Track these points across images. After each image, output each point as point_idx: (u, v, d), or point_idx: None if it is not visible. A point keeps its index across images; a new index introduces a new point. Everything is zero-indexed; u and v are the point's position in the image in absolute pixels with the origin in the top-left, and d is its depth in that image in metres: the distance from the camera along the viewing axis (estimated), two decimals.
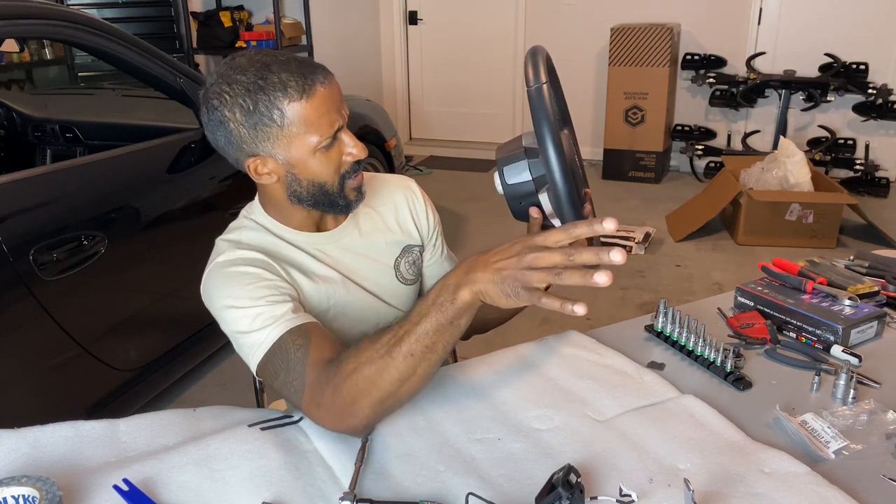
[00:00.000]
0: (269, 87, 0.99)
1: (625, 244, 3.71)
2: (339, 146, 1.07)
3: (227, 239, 1.14)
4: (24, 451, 0.94)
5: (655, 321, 1.28)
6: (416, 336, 0.87)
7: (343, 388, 0.91)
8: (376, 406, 0.92)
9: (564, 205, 0.94)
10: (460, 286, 0.85)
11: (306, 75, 1.01)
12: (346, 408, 0.92)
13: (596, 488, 0.88)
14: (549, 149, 0.92)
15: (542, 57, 0.95)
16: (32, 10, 1.88)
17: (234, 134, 1.03)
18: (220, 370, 2.62)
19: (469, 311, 0.86)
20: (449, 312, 0.86)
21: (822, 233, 3.66)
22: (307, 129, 1.02)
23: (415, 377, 0.90)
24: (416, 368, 0.89)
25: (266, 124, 1.01)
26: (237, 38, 4.64)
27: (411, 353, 0.88)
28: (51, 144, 2.77)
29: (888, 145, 4.68)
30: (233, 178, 2.38)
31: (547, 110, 0.91)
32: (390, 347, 0.89)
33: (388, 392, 0.90)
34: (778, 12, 4.70)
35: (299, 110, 1.00)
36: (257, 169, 1.06)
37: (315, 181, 1.07)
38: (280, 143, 1.03)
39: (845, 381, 1.08)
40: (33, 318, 1.79)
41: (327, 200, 1.09)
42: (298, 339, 0.98)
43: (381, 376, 0.89)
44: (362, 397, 0.91)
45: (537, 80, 0.91)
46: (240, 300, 1.02)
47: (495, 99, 5.56)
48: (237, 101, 1.00)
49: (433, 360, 0.89)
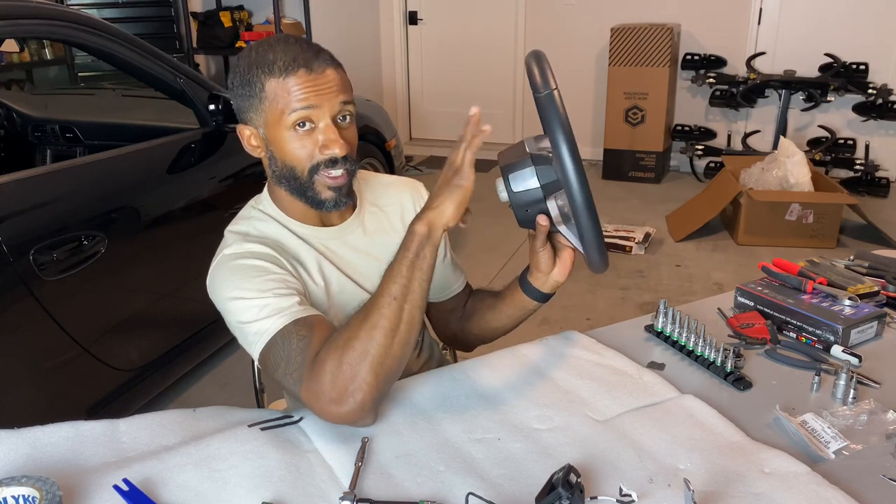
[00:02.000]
0: (261, 62, 1.05)
1: (625, 244, 3.72)
2: (316, 134, 1.06)
3: (235, 230, 1.14)
4: (24, 451, 0.94)
5: (655, 321, 1.28)
6: (392, 279, 0.96)
7: (343, 361, 0.93)
8: (376, 368, 0.93)
9: (581, 210, 0.93)
10: (414, 224, 0.98)
11: (297, 57, 1.04)
12: (347, 384, 0.92)
13: (596, 488, 0.88)
14: (565, 155, 0.90)
15: (546, 62, 0.94)
16: (32, 10, 1.88)
17: (233, 100, 1.12)
18: (220, 370, 2.62)
19: (428, 242, 0.96)
20: (413, 247, 0.96)
21: (822, 233, 3.66)
22: (280, 107, 1.05)
23: (403, 324, 0.95)
24: (401, 313, 0.95)
25: (249, 95, 1.07)
26: (237, 38, 4.64)
27: (394, 296, 0.95)
28: (51, 144, 2.77)
29: (888, 145, 4.69)
30: (233, 178, 2.38)
31: (560, 116, 0.90)
32: (374, 300, 0.96)
33: (383, 347, 0.93)
34: (778, 12, 4.70)
35: (276, 86, 1.04)
36: (249, 139, 1.12)
37: (287, 163, 1.09)
38: (260, 118, 1.08)
39: (845, 381, 1.08)
40: (33, 318, 1.79)
41: (298, 187, 1.10)
42: (302, 329, 0.99)
43: (373, 333, 0.94)
44: (361, 363, 0.92)
45: (546, 87, 0.91)
46: (247, 291, 1.03)
47: (495, 99, 5.56)
48: (237, 70, 1.08)
49: (414, 300, 0.96)
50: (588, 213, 0.93)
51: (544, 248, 1.10)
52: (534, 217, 1.04)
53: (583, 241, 0.98)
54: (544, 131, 0.94)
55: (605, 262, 1.00)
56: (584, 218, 0.94)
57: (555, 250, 1.12)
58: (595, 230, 0.96)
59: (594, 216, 0.94)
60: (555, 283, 1.14)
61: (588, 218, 0.94)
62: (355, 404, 0.93)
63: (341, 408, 0.94)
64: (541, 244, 1.09)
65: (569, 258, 1.12)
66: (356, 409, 0.94)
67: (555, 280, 1.14)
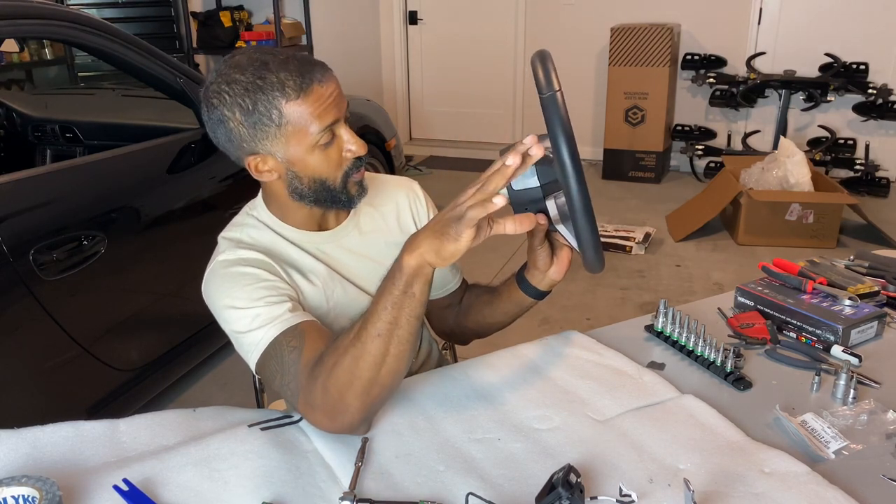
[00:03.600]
0: (267, 87, 1.00)
1: (625, 244, 3.71)
2: (339, 143, 1.07)
3: (229, 237, 1.14)
4: (24, 451, 0.94)
5: (655, 321, 1.28)
6: (377, 315, 0.90)
7: (329, 385, 0.92)
8: (362, 396, 0.92)
9: (579, 213, 0.93)
10: (404, 255, 0.89)
11: (303, 74, 1.01)
12: (336, 404, 0.93)
13: (596, 488, 0.88)
14: (565, 158, 0.90)
15: (551, 63, 0.94)
16: (32, 10, 1.88)
17: (234, 133, 1.04)
18: (220, 370, 2.62)
19: (419, 277, 0.89)
20: (400, 283, 0.89)
21: (822, 233, 3.66)
22: (303, 128, 1.02)
23: (390, 357, 0.91)
24: (387, 348, 0.90)
25: (265, 124, 1.02)
26: (237, 38, 4.65)
27: (378, 333, 0.90)
28: (51, 144, 2.77)
29: (888, 145, 4.68)
30: (233, 178, 2.38)
31: (563, 118, 0.90)
32: (358, 332, 0.91)
33: (368, 379, 0.91)
34: (778, 12, 4.70)
35: (296, 109, 1.01)
36: (258, 167, 1.07)
37: (316, 178, 1.07)
38: (279, 142, 1.03)
39: (845, 381, 1.08)
40: (33, 318, 1.79)
41: (329, 196, 1.09)
42: (293, 340, 0.99)
43: (358, 364, 0.90)
44: (346, 390, 0.92)
45: (550, 88, 0.90)
46: (239, 301, 1.03)
47: (495, 99, 5.56)
48: (236, 101, 1.01)
49: (402, 336, 0.91)
50: (586, 216, 0.94)
51: (542, 247, 1.10)
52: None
53: (580, 242, 0.98)
54: (547, 131, 0.94)
55: (601, 263, 1.00)
56: (581, 220, 0.94)
57: (553, 249, 1.12)
58: (592, 233, 0.96)
59: (591, 219, 0.95)
60: (552, 281, 1.15)
61: (586, 221, 0.94)
62: (344, 422, 0.95)
63: (333, 422, 0.95)
64: (539, 242, 1.10)
65: (566, 257, 1.12)
66: (347, 426, 0.96)
67: (552, 278, 1.14)
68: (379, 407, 0.98)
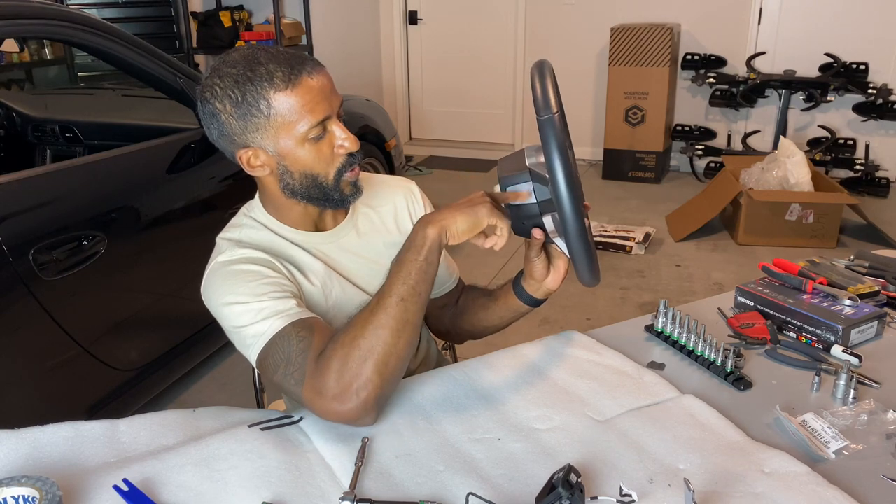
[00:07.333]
0: (256, 78, 1.01)
1: (625, 244, 3.71)
2: (331, 138, 1.06)
3: (228, 237, 1.14)
4: (24, 452, 0.94)
5: (655, 321, 1.28)
6: (400, 281, 0.97)
7: (348, 360, 0.93)
8: (381, 367, 0.94)
9: (573, 236, 0.93)
10: (427, 225, 0.99)
11: (293, 66, 1.02)
12: (352, 381, 0.93)
13: (596, 488, 0.88)
14: (560, 183, 0.89)
15: (550, 79, 0.90)
16: (32, 10, 1.88)
17: (225, 126, 1.04)
18: (220, 370, 2.62)
19: (436, 247, 0.98)
20: (423, 251, 0.97)
21: (822, 233, 3.66)
22: (293, 119, 1.02)
23: (408, 325, 0.96)
24: (406, 314, 0.96)
25: (254, 115, 1.02)
26: (237, 38, 4.64)
27: (401, 297, 0.96)
28: (51, 144, 2.77)
29: (888, 145, 4.68)
30: (233, 178, 2.38)
31: (559, 143, 0.88)
32: (380, 300, 0.97)
33: (389, 346, 0.94)
34: (778, 12, 4.70)
35: (284, 100, 1.01)
36: (250, 161, 1.07)
37: (307, 173, 1.07)
38: (268, 134, 1.04)
39: (845, 381, 1.08)
40: (33, 318, 1.78)
41: (321, 194, 1.09)
42: (302, 331, 0.99)
43: (379, 332, 0.94)
44: (366, 361, 0.93)
45: (548, 110, 0.87)
46: (242, 296, 1.02)
47: (495, 99, 5.56)
48: (227, 93, 1.02)
49: (419, 304, 0.98)
50: (580, 239, 0.94)
51: (539, 258, 1.12)
52: (529, 229, 1.04)
53: (574, 262, 0.98)
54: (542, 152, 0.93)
55: (596, 280, 1.00)
56: (576, 243, 0.94)
57: (549, 258, 1.13)
58: (587, 253, 0.96)
59: (586, 241, 0.95)
60: (548, 290, 1.16)
61: (580, 244, 0.94)
62: (359, 402, 0.94)
63: (344, 405, 0.94)
64: (535, 254, 1.12)
65: (563, 267, 1.13)
66: (359, 407, 0.94)
67: (548, 287, 1.16)
68: (391, 390, 0.99)
